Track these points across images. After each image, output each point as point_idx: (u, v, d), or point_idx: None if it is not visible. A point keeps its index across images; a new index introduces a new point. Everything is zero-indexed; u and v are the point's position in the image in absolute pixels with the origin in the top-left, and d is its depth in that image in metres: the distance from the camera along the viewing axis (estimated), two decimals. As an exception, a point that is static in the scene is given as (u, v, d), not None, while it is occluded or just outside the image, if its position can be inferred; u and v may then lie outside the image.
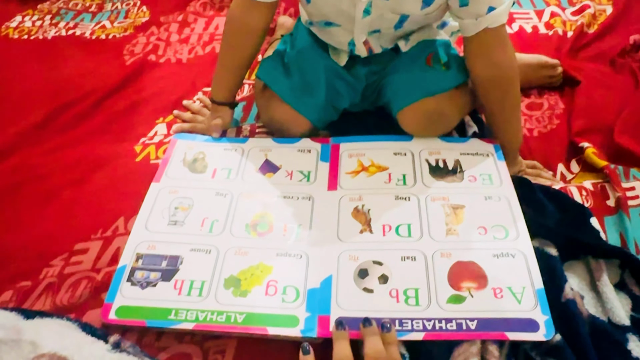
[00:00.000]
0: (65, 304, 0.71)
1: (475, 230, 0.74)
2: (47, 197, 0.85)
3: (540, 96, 1.04)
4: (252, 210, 0.79)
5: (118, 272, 0.71)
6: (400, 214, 0.77)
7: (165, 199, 0.80)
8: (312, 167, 0.85)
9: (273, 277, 0.69)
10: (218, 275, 0.70)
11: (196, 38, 1.23)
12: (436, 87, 0.84)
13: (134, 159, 0.92)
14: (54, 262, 0.76)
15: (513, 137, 0.86)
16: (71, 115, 1.00)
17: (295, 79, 0.89)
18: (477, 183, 0.81)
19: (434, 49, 0.88)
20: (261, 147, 0.89)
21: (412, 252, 0.71)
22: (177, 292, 0.68)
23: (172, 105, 1.03)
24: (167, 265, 0.71)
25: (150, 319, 0.65)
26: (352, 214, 0.77)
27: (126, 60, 1.16)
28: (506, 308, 0.65)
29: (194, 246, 0.73)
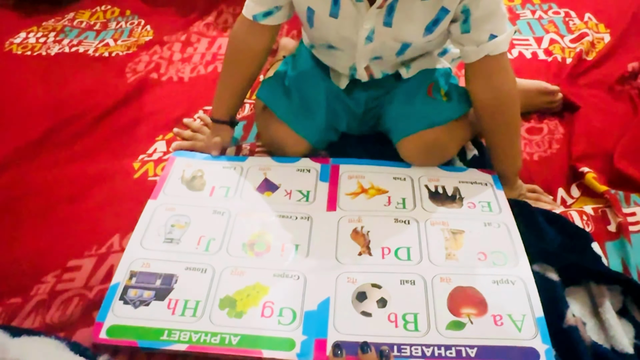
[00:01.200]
0: (55, 322, 0.69)
1: (475, 256, 0.73)
2: (42, 213, 0.84)
3: (540, 121, 1.05)
4: (249, 229, 0.78)
5: (111, 290, 0.69)
6: (399, 237, 0.76)
7: (162, 216, 0.79)
8: (311, 187, 0.85)
9: (269, 298, 0.68)
10: (213, 295, 0.68)
11: (199, 57, 1.24)
12: (436, 119, 0.85)
13: (132, 176, 0.91)
14: (46, 278, 0.74)
15: (513, 161, 0.86)
16: (70, 132, 1.00)
17: (294, 100, 0.89)
18: (476, 210, 0.80)
19: (434, 79, 0.88)
20: (260, 165, 0.89)
21: (411, 276, 0.70)
22: (170, 312, 0.66)
23: (172, 123, 1.03)
24: (161, 284, 0.70)
25: (143, 339, 0.64)
26: (351, 236, 0.76)
27: (128, 78, 1.16)
28: (506, 336, 0.64)
29: (189, 265, 0.72)
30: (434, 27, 0.75)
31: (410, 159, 0.88)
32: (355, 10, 0.74)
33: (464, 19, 0.74)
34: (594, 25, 1.31)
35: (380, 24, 0.75)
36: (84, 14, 1.41)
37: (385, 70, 0.87)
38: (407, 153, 0.87)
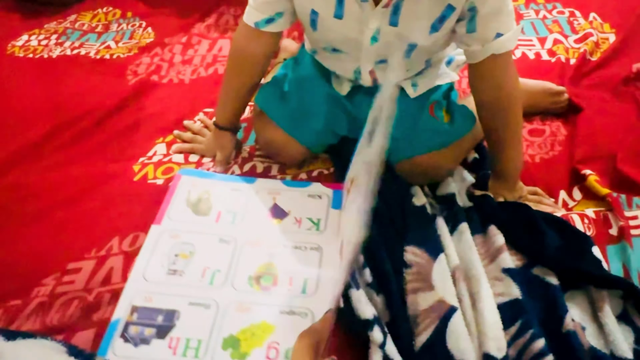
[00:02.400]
0: (55, 324, 0.70)
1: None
2: (42, 215, 0.85)
3: (543, 122, 1.04)
4: (256, 260, 0.75)
5: (111, 326, 0.67)
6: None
7: (166, 245, 0.76)
8: (322, 215, 0.82)
9: (275, 339, 0.65)
10: (217, 333, 0.66)
11: (199, 59, 1.24)
12: (435, 143, 0.85)
13: (131, 178, 0.91)
14: (46, 280, 0.75)
15: (514, 161, 0.85)
16: (70, 134, 1.00)
17: (292, 105, 0.89)
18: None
19: (437, 97, 0.88)
20: (270, 189, 0.86)
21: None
22: (171, 352, 0.64)
23: (172, 125, 1.03)
24: (163, 321, 0.67)
25: None
26: None
27: (129, 80, 1.16)
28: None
29: (192, 299, 0.69)
30: (440, 24, 0.74)
31: (407, 178, 0.88)
32: (360, 10, 0.73)
33: (470, 17, 0.73)
34: (599, 25, 1.30)
35: (386, 23, 0.74)
36: (85, 16, 1.41)
37: (391, 78, 0.86)
38: (404, 173, 0.87)
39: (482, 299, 0.69)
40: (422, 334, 0.67)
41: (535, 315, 0.68)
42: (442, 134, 0.85)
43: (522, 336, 0.66)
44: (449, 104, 0.89)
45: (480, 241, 0.79)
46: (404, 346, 0.66)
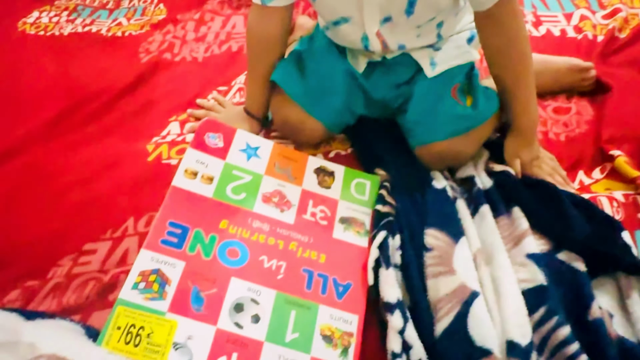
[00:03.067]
0: (71, 304, 0.69)
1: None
2: (57, 195, 0.84)
3: (569, 100, 1.00)
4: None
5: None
6: None
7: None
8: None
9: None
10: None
11: (213, 37, 1.21)
12: (457, 129, 0.81)
13: (145, 158, 0.90)
14: (62, 261, 0.75)
15: (528, 113, 0.82)
16: (84, 114, 0.99)
17: (311, 81, 0.86)
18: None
19: (459, 80, 0.84)
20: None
21: None
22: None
23: (186, 104, 1.01)
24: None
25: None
26: None
27: (141, 58, 1.14)
28: None
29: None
30: None
31: (427, 164, 0.85)
32: None
33: None
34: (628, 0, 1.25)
35: None
36: (96, -8, 1.39)
37: (400, 40, 0.83)
38: (423, 159, 0.85)
39: (505, 285, 0.67)
40: (442, 320, 0.65)
41: (561, 302, 0.66)
42: (464, 118, 0.82)
43: (547, 323, 0.64)
44: (471, 85, 0.86)
45: (504, 224, 0.76)
46: (424, 332, 0.65)
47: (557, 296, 0.66)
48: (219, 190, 0.72)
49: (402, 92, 0.87)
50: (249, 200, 0.72)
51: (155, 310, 0.58)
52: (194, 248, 0.65)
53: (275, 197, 0.74)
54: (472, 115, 0.82)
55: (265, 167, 0.77)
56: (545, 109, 1.00)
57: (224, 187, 0.72)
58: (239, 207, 0.71)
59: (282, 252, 0.69)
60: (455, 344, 0.63)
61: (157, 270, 0.61)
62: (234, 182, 0.74)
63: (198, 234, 0.66)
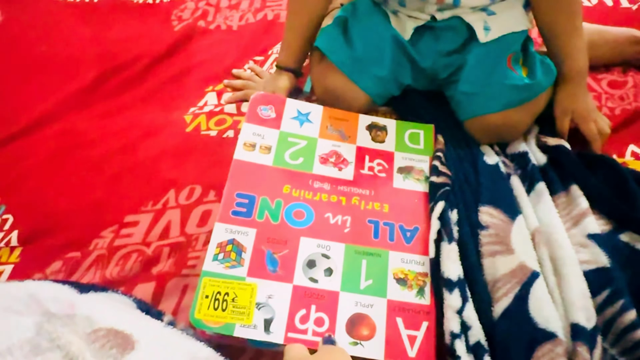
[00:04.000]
0: (115, 277, 0.68)
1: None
2: (96, 164, 0.82)
3: (625, 74, 0.95)
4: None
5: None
6: None
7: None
8: None
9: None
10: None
11: (247, 4, 1.17)
12: (512, 100, 0.77)
13: (184, 129, 0.87)
14: (104, 233, 0.73)
15: (576, 56, 0.78)
16: (119, 81, 0.97)
17: (357, 49, 0.82)
18: None
19: (515, 49, 0.80)
20: None
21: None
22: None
23: (222, 73, 0.98)
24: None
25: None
26: None
27: (174, 26, 1.10)
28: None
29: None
30: None
31: (478, 138, 0.81)
32: None
33: None
34: (687, -33, 1.17)
35: None
36: (126, -42, 1.34)
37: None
38: (475, 133, 0.81)
39: (567, 265, 0.64)
40: (501, 300, 0.62)
41: (625, 285, 0.63)
42: (521, 89, 0.77)
43: (611, 307, 0.61)
44: (527, 55, 0.81)
45: (561, 202, 0.73)
46: (482, 313, 0.62)
47: (622, 279, 0.63)
48: (278, 158, 0.74)
49: (452, 61, 0.82)
50: (307, 164, 0.74)
51: (236, 277, 0.62)
52: (262, 215, 0.68)
53: (331, 157, 0.76)
54: (528, 86, 0.78)
55: (319, 130, 0.79)
56: (599, 82, 0.95)
57: (282, 154, 0.74)
58: (298, 171, 0.73)
59: (346, 207, 0.71)
60: (515, 325, 0.60)
61: (232, 240, 0.65)
62: (290, 148, 0.75)
63: (264, 201, 0.69)
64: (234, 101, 0.91)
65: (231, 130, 0.86)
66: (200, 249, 0.70)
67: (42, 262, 0.70)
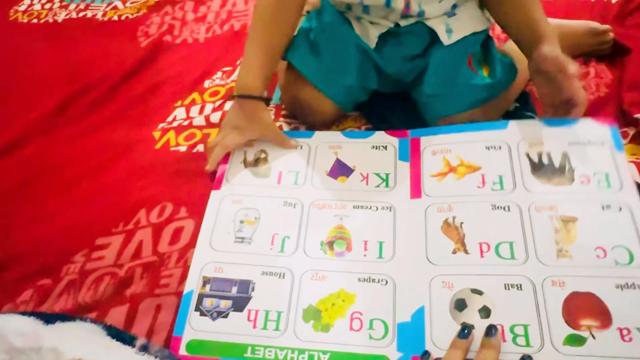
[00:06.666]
0: (87, 301, 0.67)
1: (592, 252, 0.59)
2: (65, 188, 0.81)
3: (587, 65, 0.96)
4: (326, 224, 0.69)
5: (185, 299, 0.64)
6: (499, 228, 0.63)
7: (229, 211, 0.71)
8: (390, 169, 0.73)
9: (357, 308, 0.61)
10: (295, 304, 0.62)
11: (213, 16, 1.17)
12: (475, 100, 0.77)
13: (153, 146, 0.87)
14: (75, 258, 0.72)
15: (544, 17, 0.73)
16: (86, 102, 0.96)
17: (324, 59, 0.82)
18: (591, 186, 0.64)
19: (475, 49, 0.80)
20: (330, 143, 0.77)
21: (517, 279, 0.59)
22: (251, 325, 0.61)
23: (190, 87, 0.98)
24: (238, 292, 0.63)
25: (225, 356, 0.59)
26: (442, 229, 0.65)
27: (141, 42, 1.10)
28: (636, 354, 0.53)
29: (265, 269, 0.65)
30: None
31: None
32: None
33: None
34: (643, -44, 1.19)
35: None
36: (89, -25, 1.34)
37: (422, 7, 0.77)
38: None
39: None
40: None
41: None
42: (483, 88, 0.78)
43: None
44: (488, 54, 0.82)
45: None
46: None
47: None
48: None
49: (416, 65, 0.83)
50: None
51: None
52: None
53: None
54: (490, 86, 0.79)
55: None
56: (563, 75, 0.96)
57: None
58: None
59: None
60: None
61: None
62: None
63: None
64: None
65: (201, 144, 0.86)
66: (173, 266, 0.70)
67: (13, 291, 0.69)
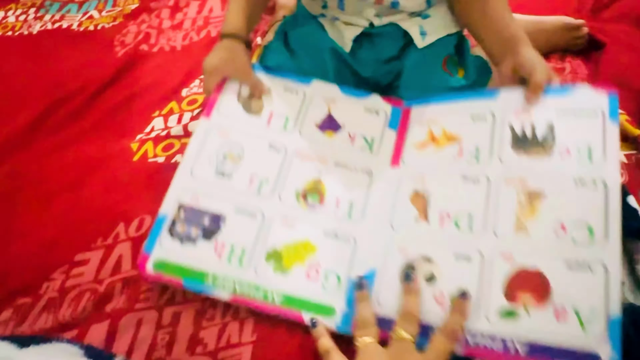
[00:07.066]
0: (68, 319, 0.67)
1: (551, 229, 0.59)
2: (43, 204, 0.81)
3: (562, 60, 0.97)
4: (305, 175, 0.71)
5: (158, 221, 0.67)
6: (464, 200, 0.64)
7: (214, 142, 0.72)
8: (377, 134, 0.74)
9: (316, 259, 0.65)
10: (261, 245, 0.66)
11: (190, 23, 1.16)
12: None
13: (131, 158, 0.86)
14: (54, 275, 0.72)
15: (514, 21, 0.74)
16: (62, 115, 0.95)
17: (301, 63, 0.82)
18: (568, 159, 0.62)
19: (449, 51, 0.81)
20: (326, 96, 0.78)
21: (467, 250, 0.60)
22: (216, 256, 0.64)
23: (167, 96, 0.98)
24: (209, 223, 0.66)
25: (187, 278, 0.63)
26: (410, 198, 0.67)
27: (117, 52, 1.09)
28: (566, 335, 0.53)
29: (239, 206, 0.68)
30: None
31: None
32: None
33: None
34: (617, -51, 1.20)
35: None
36: (63, -15, 1.32)
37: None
38: None
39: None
40: None
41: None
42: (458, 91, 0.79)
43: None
44: (462, 56, 0.82)
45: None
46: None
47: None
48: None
49: (392, 68, 0.83)
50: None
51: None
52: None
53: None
54: (466, 87, 0.79)
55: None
56: (539, 72, 0.96)
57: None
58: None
59: None
60: None
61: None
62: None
63: None
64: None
65: (179, 154, 0.86)
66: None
67: (-8, 312, 0.69)
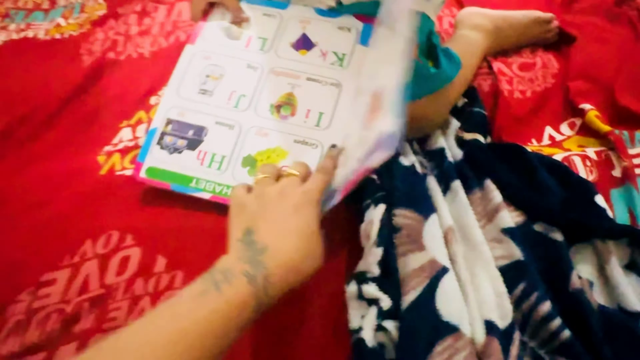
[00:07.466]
0: (35, 342, 0.66)
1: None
2: (8, 224, 0.79)
3: (533, 55, 0.97)
4: (279, 89, 0.78)
5: (150, 133, 0.77)
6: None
7: (198, 65, 0.81)
8: (347, 50, 0.80)
9: (287, 163, 0.73)
10: (238, 152, 0.75)
11: (158, 28, 1.14)
12: (421, 90, 0.77)
13: (97, 172, 0.84)
14: (21, 296, 0.70)
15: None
16: (28, 130, 0.92)
17: None
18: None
19: (420, 40, 0.80)
20: (301, 17, 0.84)
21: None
22: (199, 162, 0.75)
23: (135, 105, 0.95)
24: (193, 135, 0.77)
25: (175, 182, 0.74)
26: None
27: (84, 61, 1.07)
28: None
29: (219, 119, 0.77)
30: None
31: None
32: None
33: None
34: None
35: None
36: (28, -8, 1.29)
37: None
38: None
39: (478, 264, 0.65)
40: (409, 293, 0.61)
41: (540, 275, 0.64)
42: (428, 78, 0.78)
43: (527, 300, 0.62)
44: (432, 47, 0.81)
45: (476, 198, 0.74)
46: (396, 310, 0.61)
47: (535, 270, 0.64)
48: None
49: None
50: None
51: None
52: None
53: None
54: (435, 75, 0.78)
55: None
56: (510, 66, 0.96)
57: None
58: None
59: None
60: (421, 317, 0.59)
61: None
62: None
63: None
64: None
65: (148, 166, 0.84)
66: (120, 298, 0.69)
67: (-43, 337, 0.67)
